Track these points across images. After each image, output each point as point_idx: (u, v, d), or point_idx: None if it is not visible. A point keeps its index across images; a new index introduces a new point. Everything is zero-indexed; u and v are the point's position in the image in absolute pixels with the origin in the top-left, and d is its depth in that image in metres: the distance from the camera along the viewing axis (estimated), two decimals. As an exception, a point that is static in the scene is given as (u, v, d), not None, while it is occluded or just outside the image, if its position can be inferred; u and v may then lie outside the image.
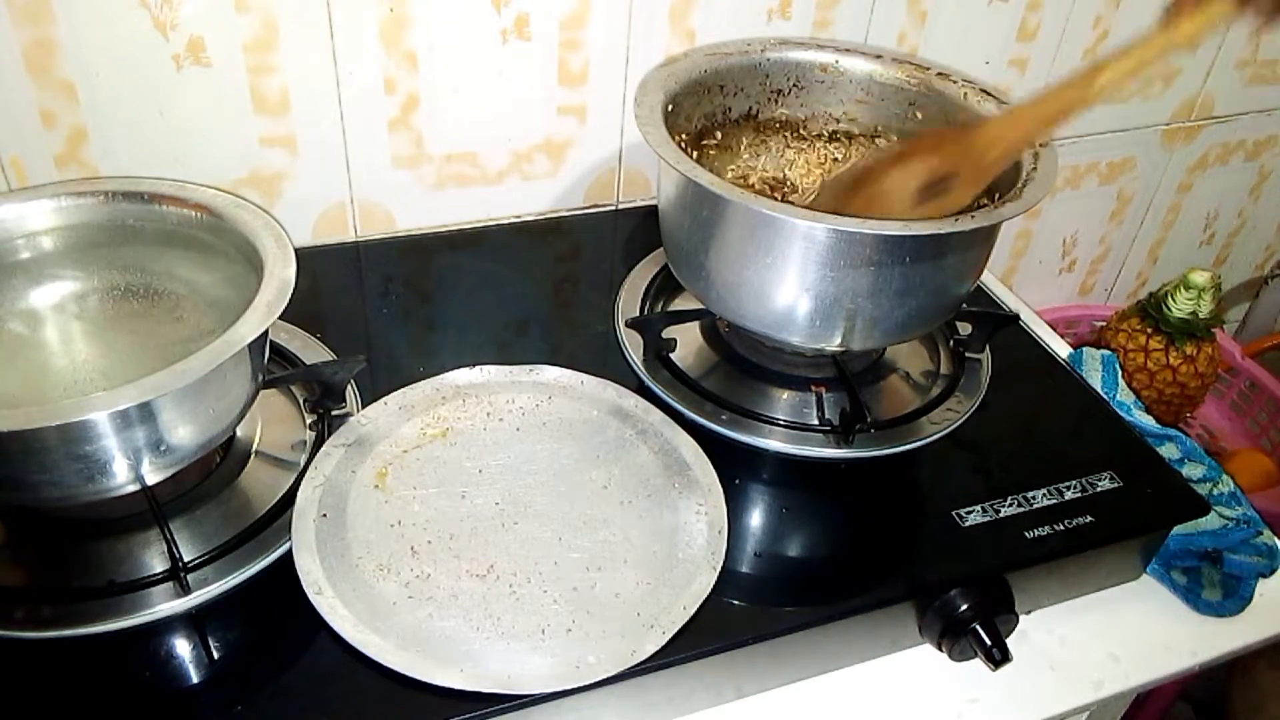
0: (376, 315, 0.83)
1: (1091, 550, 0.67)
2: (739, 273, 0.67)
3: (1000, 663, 0.62)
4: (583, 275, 0.91)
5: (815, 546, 0.67)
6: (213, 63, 0.78)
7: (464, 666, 0.54)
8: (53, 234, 0.67)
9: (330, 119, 0.85)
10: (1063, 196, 1.24)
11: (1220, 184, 1.34)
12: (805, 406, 0.74)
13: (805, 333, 0.68)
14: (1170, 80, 1.18)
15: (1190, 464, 0.77)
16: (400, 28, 0.82)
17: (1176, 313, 1.11)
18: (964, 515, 0.68)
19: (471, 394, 0.72)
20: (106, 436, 0.53)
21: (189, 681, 0.56)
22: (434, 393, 0.71)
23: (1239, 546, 0.72)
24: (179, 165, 0.82)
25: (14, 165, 0.78)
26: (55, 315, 0.69)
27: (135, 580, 0.57)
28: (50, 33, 0.73)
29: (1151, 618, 0.72)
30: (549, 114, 0.92)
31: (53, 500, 0.57)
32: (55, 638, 0.55)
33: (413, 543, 0.61)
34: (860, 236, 0.62)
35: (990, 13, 1.02)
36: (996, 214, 0.63)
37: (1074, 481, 0.71)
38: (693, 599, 0.59)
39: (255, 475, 0.66)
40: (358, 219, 0.92)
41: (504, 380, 0.73)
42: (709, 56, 0.79)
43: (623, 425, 0.70)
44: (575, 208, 0.99)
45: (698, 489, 0.66)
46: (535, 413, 0.71)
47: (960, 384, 0.77)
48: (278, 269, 0.60)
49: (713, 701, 0.63)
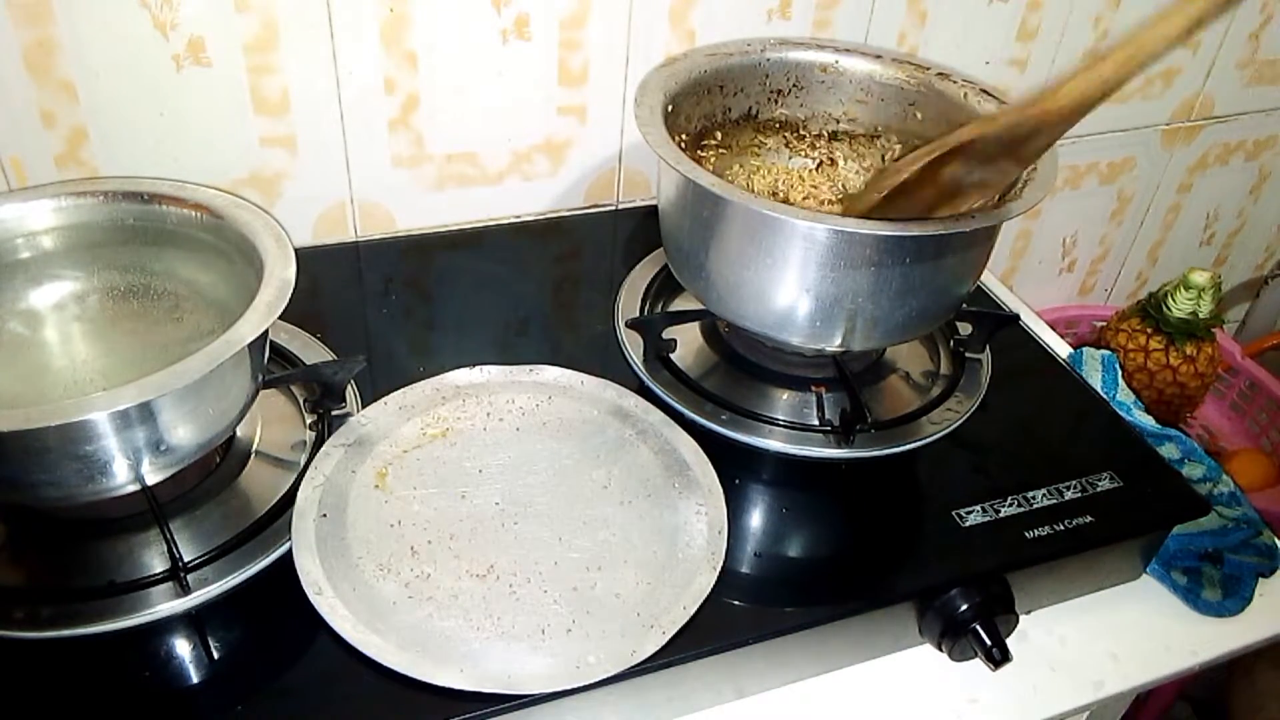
0: (376, 315, 0.83)
1: (1091, 550, 0.67)
2: (739, 273, 0.67)
3: (1000, 663, 0.62)
4: (583, 275, 0.91)
5: (815, 546, 0.67)
6: (213, 63, 0.78)
7: (464, 666, 0.54)
8: (53, 234, 0.67)
9: (330, 119, 0.85)
10: (1063, 196, 1.24)
11: (1220, 184, 1.34)
12: (805, 406, 0.74)
13: (805, 333, 0.68)
14: (1170, 80, 1.18)
15: (1190, 464, 0.77)
16: (400, 28, 0.82)
17: (1176, 313, 1.11)
18: (964, 515, 0.68)
19: (471, 394, 0.72)
20: (106, 436, 0.53)
21: (189, 681, 0.56)
22: (434, 393, 0.71)
23: (1239, 546, 0.72)
24: (179, 165, 0.82)
25: (14, 165, 0.78)
26: (55, 315, 0.69)
27: (135, 580, 0.57)
28: (50, 33, 0.73)
29: (1151, 618, 0.72)
30: (549, 114, 0.92)
31: (53, 500, 0.57)
32: (55, 638, 0.55)
33: (413, 543, 0.61)
34: (860, 237, 0.62)
35: (990, 13, 1.02)
36: (996, 214, 0.63)
37: (1074, 481, 0.71)
38: (693, 599, 0.59)
39: (255, 475, 0.66)
40: (358, 219, 0.92)
41: (504, 380, 0.73)
42: (709, 57, 0.79)
43: (623, 425, 0.70)
44: (575, 208, 0.99)
45: (698, 489, 0.66)
46: (535, 413, 0.71)
47: (960, 384, 0.77)
48: (278, 269, 0.60)
49: (713, 701, 0.63)
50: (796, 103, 0.84)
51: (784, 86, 0.83)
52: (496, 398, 0.72)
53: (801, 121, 0.85)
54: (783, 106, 0.84)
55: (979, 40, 1.04)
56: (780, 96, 0.83)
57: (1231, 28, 1.16)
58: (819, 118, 0.84)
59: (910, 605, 0.64)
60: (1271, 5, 1.17)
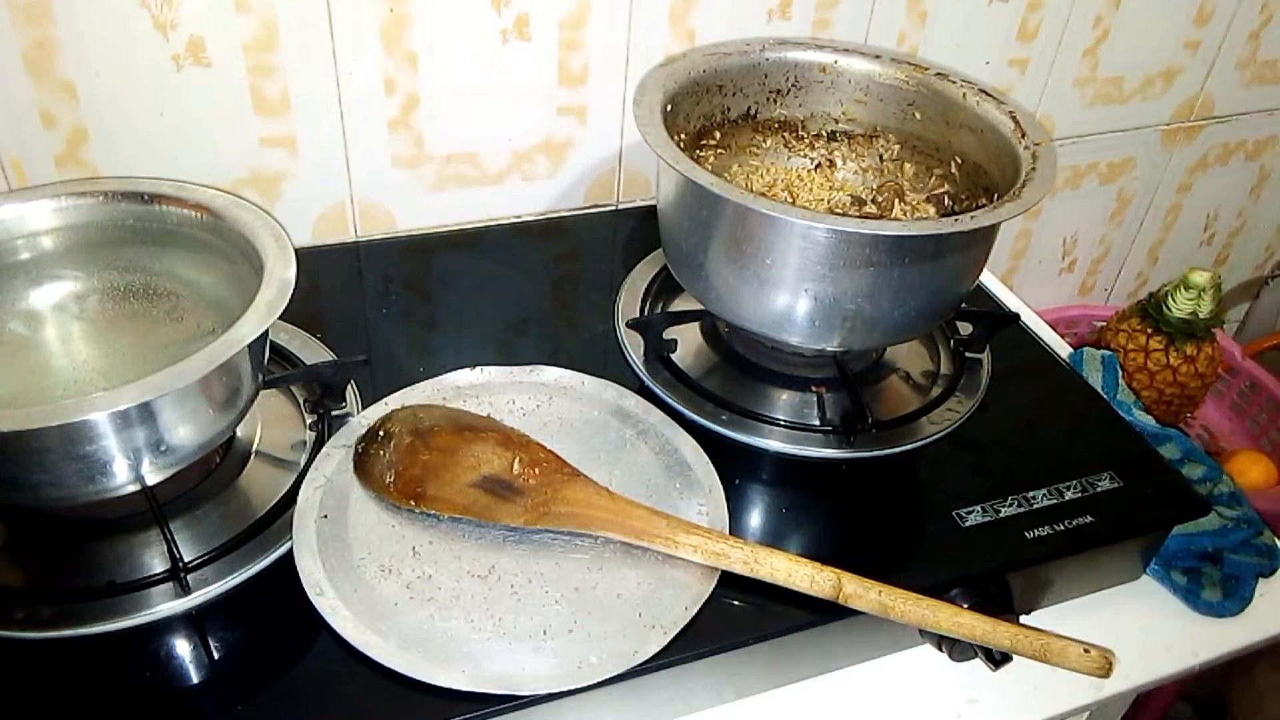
0: (376, 315, 0.83)
1: (1091, 550, 0.67)
2: (738, 273, 0.67)
3: (1000, 663, 0.62)
4: (583, 275, 0.91)
5: (816, 546, 0.67)
6: (213, 63, 0.78)
7: (465, 667, 0.54)
8: (53, 234, 0.67)
9: (330, 119, 0.85)
10: (1063, 196, 1.24)
11: (1220, 184, 1.34)
12: (806, 407, 0.74)
13: (805, 333, 0.68)
14: (1170, 80, 1.18)
15: (1190, 464, 0.77)
16: (400, 28, 0.82)
17: (1176, 313, 1.11)
18: (964, 515, 0.68)
19: (471, 394, 0.72)
20: (107, 437, 0.53)
21: (189, 682, 0.56)
22: (434, 393, 0.71)
23: (1239, 546, 0.72)
24: (179, 165, 0.82)
25: (14, 165, 0.78)
26: (55, 315, 0.69)
27: (135, 580, 0.57)
28: (50, 33, 0.73)
29: (1151, 618, 0.72)
30: (549, 114, 0.92)
31: (53, 500, 0.57)
32: (55, 638, 0.55)
33: (414, 543, 0.61)
34: (859, 237, 0.62)
35: (990, 13, 1.02)
36: (996, 214, 0.63)
37: (1074, 481, 0.71)
38: (694, 600, 0.59)
39: (255, 475, 0.66)
40: (358, 219, 0.92)
41: (504, 381, 0.73)
42: (708, 56, 0.79)
43: (623, 426, 0.70)
44: (575, 208, 0.99)
45: (698, 489, 0.66)
46: (536, 413, 0.71)
47: (960, 384, 0.77)
48: (278, 269, 0.60)
49: (713, 701, 0.63)
50: (795, 103, 0.84)
51: (783, 86, 0.83)
52: (497, 398, 0.72)
53: (800, 121, 0.85)
54: (782, 106, 0.84)
55: (979, 40, 1.04)
56: (779, 96, 0.83)
57: (1231, 28, 1.16)
58: (818, 118, 0.84)
59: (910, 605, 0.64)
60: (1272, 5, 1.17)
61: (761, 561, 0.58)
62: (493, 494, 0.62)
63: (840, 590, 0.58)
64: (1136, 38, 1.11)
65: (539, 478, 0.62)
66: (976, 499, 0.69)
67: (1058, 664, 0.58)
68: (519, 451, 0.64)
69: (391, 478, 0.63)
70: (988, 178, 0.76)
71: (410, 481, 0.62)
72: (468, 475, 0.62)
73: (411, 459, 0.63)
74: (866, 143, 0.84)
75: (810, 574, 0.58)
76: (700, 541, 0.59)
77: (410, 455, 0.63)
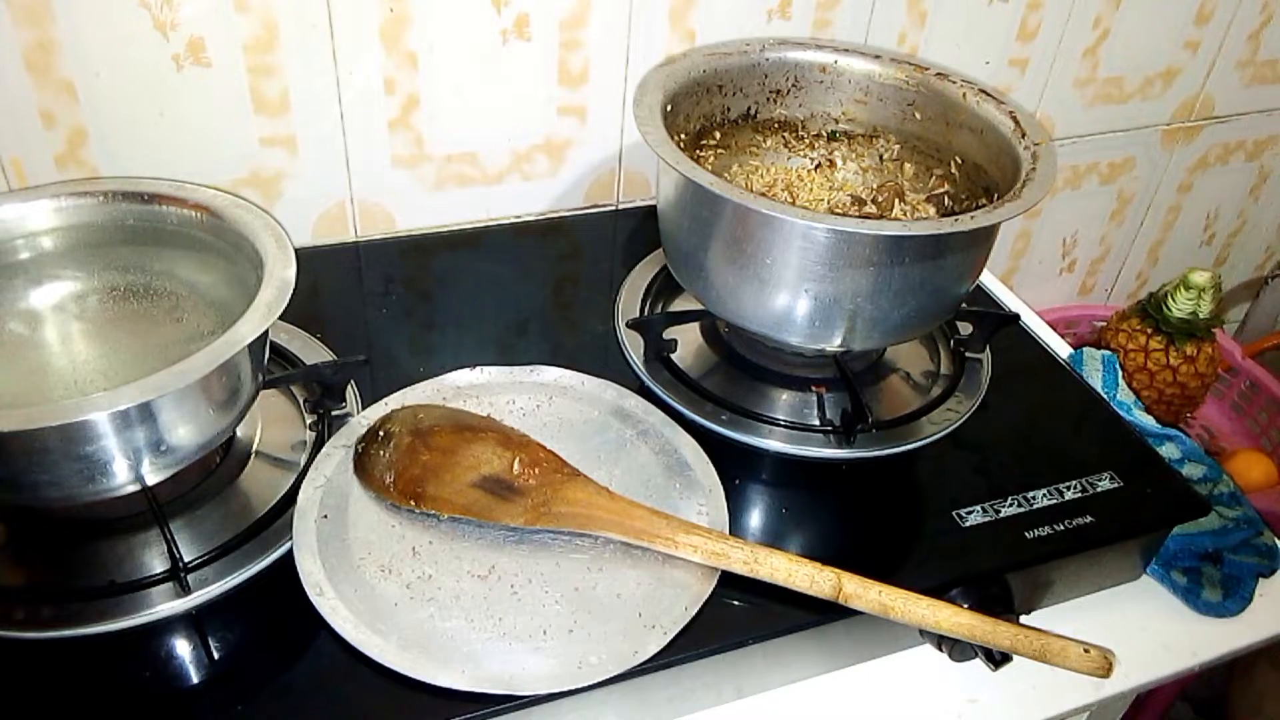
0: (376, 315, 0.83)
1: (1091, 550, 0.67)
2: (738, 273, 0.67)
3: (1000, 663, 0.62)
4: (583, 275, 0.91)
5: (816, 546, 0.67)
6: (213, 63, 0.78)
7: (465, 667, 0.54)
8: (53, 234, 0.67)
9: (330, 119, 0.85)
10: (1063, 196, 1.24)
11: (1220, 184, 1.34)
12: (806, 407, 0.74)
13: (805, 333, 0.68)
14: (1170, 80, 1.18)
15: (1190, 464, 0.77)
16: (400, 28, 0.82)
17: (1176, 313, 1.11)
18: (964, 515, 0.68)
19: (472, 395, 0.72)
20: (107, 436, 0.53)
21: (189, 682, 0.56)
22: (434, 393, 0.71)
23: (1239, 546, 0.72)
24: (179, 165, 0.82)
25: (14, 165, 0.78)
26: (55, 315, 0.69)
27: (135, 580, 0.57)
28: (50, 33, 0.73)
29: (1151, 618, 0.72)
30: (549, 114, 0.92)
31: (53, 500, 0.57)
32: (55, 638, 0.55)
33: (414, 543, 0.61)
34: (859, 237, 0.62)
35: (990, 13, 1.02)
36: (996, 214, 0.63)
37: (1074, 482, 0.71)
38: (694, 600, 0.59)
39: (255, 475, 0.66)
40: (358, 219, 0.92)
41: (504, 381, 0.73)
42: (708, 56, 0.79)
43: (623, 426, 0.70)
44: (575, 208, 0.99)
45: (699, 489, 0.66)
46: (536, 413, 0.71)
47: (960, 384, 0.77)
48: (278, 269, 0.60)
49: (713, 701, 0.63)
50: (795, 103, 0.84)
51: (783, 86, 0.83)
52: (497, 398, 0.72)
53: (800, 121, 0.85)
54: (781, 106, 0.84)
55: (979, 40, 1.04)
56: (779, 96, 0.83)
57: (1232, 28, 1.16)
58: (818, 118, 0.84)
59: (910, 605, 0.64)
60: (1272, 5, 1.17)
61: (761, 561, 0.58)
62: (493, 494, 0.62)
63: (840, 590, 0.58)
64: (1136, 38, 1.11)
65: (539, 478, 0.62)
66: (976, 499, 0.69)
67: (1058, 664, 0.58)
68: (519, 451, 0.64)
69: (391, 478, 0.63)
70: (988, 178, 0.76)
71: (410, 481, 0.62)
72: (468, 475, 0.62)
73: (411, 459, 0.63)
74: (866, 143, 0.84)
75: (810, 574, 0.58)
76: (700, 541, 0.59)
77: (410, 455, 0.63)
